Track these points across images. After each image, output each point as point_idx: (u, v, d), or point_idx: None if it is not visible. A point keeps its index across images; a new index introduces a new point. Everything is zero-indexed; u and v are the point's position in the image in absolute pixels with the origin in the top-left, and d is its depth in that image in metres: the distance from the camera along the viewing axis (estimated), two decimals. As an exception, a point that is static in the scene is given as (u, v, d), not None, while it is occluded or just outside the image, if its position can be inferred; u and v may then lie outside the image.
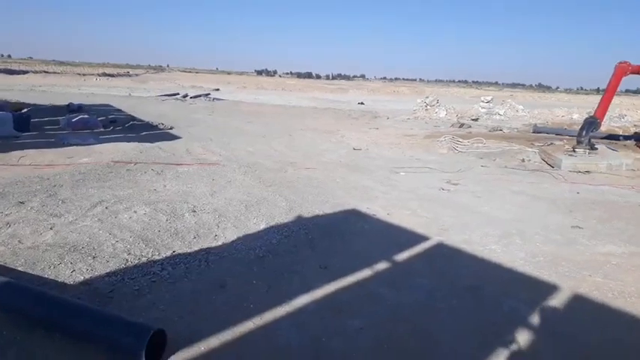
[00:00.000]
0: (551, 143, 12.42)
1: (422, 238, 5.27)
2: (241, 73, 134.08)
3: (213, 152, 10.08)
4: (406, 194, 7.42)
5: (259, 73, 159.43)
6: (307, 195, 6.79)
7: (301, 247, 4.77)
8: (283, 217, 5.60)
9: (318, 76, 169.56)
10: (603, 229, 5.92)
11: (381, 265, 4.45)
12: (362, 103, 39.01)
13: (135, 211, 5.28)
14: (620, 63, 11.19)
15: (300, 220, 5.56)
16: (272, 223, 5.34)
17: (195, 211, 5.49)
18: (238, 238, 4.83)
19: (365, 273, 4.26)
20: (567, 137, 13.70)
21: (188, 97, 29.98)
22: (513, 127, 18.99)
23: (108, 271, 3.86)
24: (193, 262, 4.19)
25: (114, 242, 4.40)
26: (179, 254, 4.34)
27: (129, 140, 10.77)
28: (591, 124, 10.93)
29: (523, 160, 10.80)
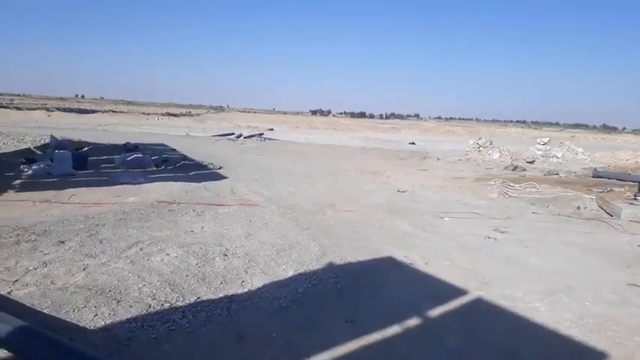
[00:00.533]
0: (611, 190, 11.64)
1: (459, 292, 4.95)
2: (297, 113, 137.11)
3: (256, 192, 10.17)
4: (448, 242, 7.09)
5: (314, 113, 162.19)
6: (343, 240, 6.63)
7: (328, 297, 4.59)
8: (314, 263, 5.45)
9: (372, 116, 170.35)
10: (667, 289, 5.34)
11: (412, 322, 4.19)
12: (413, 143, 38.71)
13: (167, 254, 5.32)
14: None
15: (330, 267, 5.40)
16: (301, 270, 5.20)
17: (226, 255, 5.46)
18: (264, 286, 4.73)
19: (393, 329, 4.01)
20: (630, 183, 12.81)
21: (242, 137, 30.92)
22: (571, 170, 18.08)
23: (129, 316, 3.84)
24: (215, 310, 4.11)
25: (141, 286, 4.41)
26: (203, 301, 4.28)
27: (178, 179, 11.12)
28: (655, 169, 10.17)
29: (579, 208, 10.13)
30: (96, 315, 3.79)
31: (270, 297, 4.46)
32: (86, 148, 14.98)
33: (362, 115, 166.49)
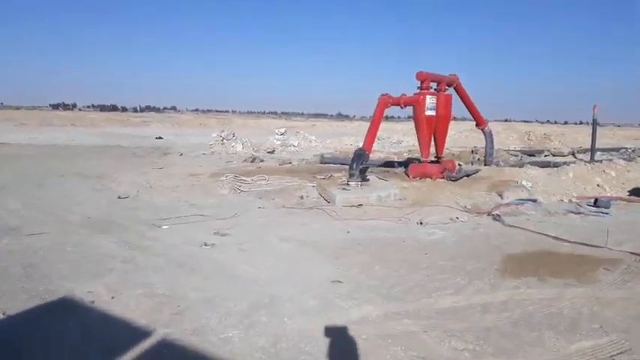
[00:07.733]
0: (331, 175, 12.41)
1: (142, 335, 3.96)
2: (33, 108, 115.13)
3: None
4: (155, 259, 6.08)
5: (55, 107, 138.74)
6: (8, 284, 4.98)
7: None
8: None
9: (125, 109, 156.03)
10: (364, 281, 5.34)
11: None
12: (160, 138, 36.67)
13: None
14: (382, 95, 11.71)
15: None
16: None
17: None
18: None
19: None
20: (346, 167, 13.92)
21: None
22: (304, 158, 19.21)
23: None
24: None
25: None
26: None
27: None
28: (360, 156, 11.01)
29: (302, 197, 10.35)
30: None
31: None
32: None
33: (114, 108, 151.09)
